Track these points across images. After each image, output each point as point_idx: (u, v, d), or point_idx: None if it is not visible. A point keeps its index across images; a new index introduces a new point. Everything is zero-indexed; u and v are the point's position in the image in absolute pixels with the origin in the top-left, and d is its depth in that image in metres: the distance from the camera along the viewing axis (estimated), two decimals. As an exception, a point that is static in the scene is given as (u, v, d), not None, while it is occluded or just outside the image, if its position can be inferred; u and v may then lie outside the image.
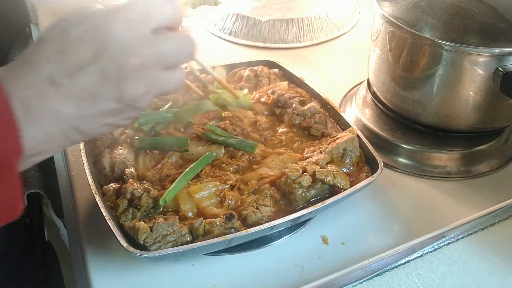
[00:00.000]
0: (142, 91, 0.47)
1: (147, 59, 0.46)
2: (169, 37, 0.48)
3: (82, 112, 0.46)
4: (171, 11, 0.48)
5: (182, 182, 0.67)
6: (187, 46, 0.49)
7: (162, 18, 0.47)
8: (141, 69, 0.46)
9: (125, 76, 0.45)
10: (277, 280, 0.65)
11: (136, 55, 0.45)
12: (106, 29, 0.45)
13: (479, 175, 0.81)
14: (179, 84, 0.51)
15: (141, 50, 0.46)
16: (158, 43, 0.47)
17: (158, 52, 0.47)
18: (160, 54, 0.47)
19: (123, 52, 0.45)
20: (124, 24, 0.45)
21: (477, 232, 0.67)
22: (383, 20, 0.79)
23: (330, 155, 0.73)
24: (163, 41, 0.47)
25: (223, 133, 0.77)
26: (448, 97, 0.76)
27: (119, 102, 0.47)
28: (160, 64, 0.48)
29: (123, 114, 0.49)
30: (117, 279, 0.65)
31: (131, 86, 0.46)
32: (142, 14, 0.46)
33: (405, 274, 0.61)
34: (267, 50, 1.16)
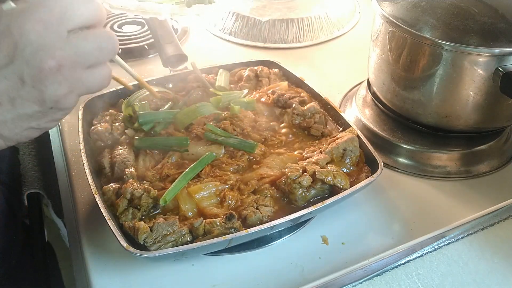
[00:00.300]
0: (64, 92, 0.46)
1: (66, 59, 0.45)
2: (89, 36, 0.46)
3: (2, 117, 0.45)
4: (90, 11, 0.46)
5: (182, 182, 0.67)
6: (108, 44, 0.48)
7: (80, 18, 0.46)
8: (60, 70, 0.44)
9: (43, 78, 0.44)
10: (277, 280, 0.65)
11: (53, 56, 0.44)
12: (19, 31, 0.43)
13: (479, 175, 0.81)
14: (104, 82, 0.50)
15: (58, 51, 0.44)
16: (76, 43, 0.45)
17: (77, 51, 0.45)
18: (79, 53, 0.46)
19: (39, 53, 0.43)
20: (38, 25, 0.43)
21: (477, 232, 0.67)
22: (383, 20, 0.79)
23: (330, 155, 0.73)
24: (82, 40, 0.46)
25: (223, 133, 0.77)
26: (448, 97, 0.76)
27: (41, 105, 0.45)
28: (81, 64, 0.46)
29: (47, 117, 0.48)
30: (117, 279, 0.65)
31: (52, 87, 0.45)
32: (58, 14, 0.44)
33: (405, 274, 0.61)
34: (267, 50, 1.16)
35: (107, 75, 0.50)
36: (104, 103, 0.85)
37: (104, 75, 0.49)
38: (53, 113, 0.47)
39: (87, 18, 0.46)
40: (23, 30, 0.43)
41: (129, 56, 1.12)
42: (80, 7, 0.45)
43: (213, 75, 0.91)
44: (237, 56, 1.14)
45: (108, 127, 0.78)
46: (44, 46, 0.43)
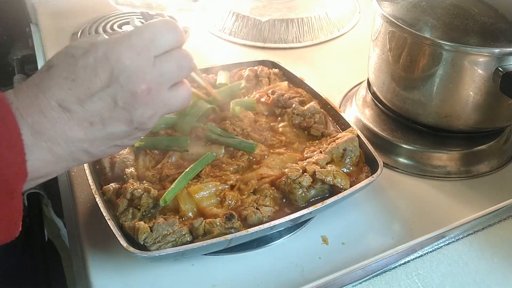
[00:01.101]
0: (150, 113, 0.49)
1: (154, 83, 0.48)
2: (168, 57, 0.50)
3: (92, 136, 0.48)
4: (174, 37, 0.50)
5: (182, 182, 0.67)
6: (186, 61, 0.51)
7: (166, 44, 0.49)
8: (150, 93, 0.48)
9: (134, 101, 0.47)
10: (277, 280, 0.65)
11: (144, 80, 0.47)
12: (115, 57, 0.46)
13: (479, 175, 0.81)
14: (185, 100, 0.53)
15: (148, 75, 0.47)
16: (160, 66, 0.49)
17: (161, 73, 0.49)
18: (162, 75, 0.49)
19: (132, 78, 0.47)
20: (131, 52, 0.47)
21: (477, 232, 0.67)
22: (383, 20, 0.79)
23: (330, 155, 0.73)
24: (165, 62, 0.49)
25: (223, 133, 0.77)
26: (448, 97, 0.76)
27: (128, 126, 0.49)
28: (165, 84, 0.50)
29: (130, 136, 0.51)
30: (117, 279, 0.65)
31: (140, 110, 0.48)
32: (147, 41, 0.48)
33: (405, 274, 0.61)
34: (267, 50, 1.16)
35: (188, 94, 0.53)
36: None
37: (185, 94, 0.52)
38: (136, 132, 0.51)
39: (172, 44, 0.50)
40: (119, 57, 0.46)
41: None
42: (166, 35, 0.49)
43: (213, 75, 0.91)
44: (237, 56, 1.14)
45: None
46: (136, 71, 0.47)
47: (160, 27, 0.49)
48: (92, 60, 0.46)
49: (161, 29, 0.49)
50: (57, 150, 0.47)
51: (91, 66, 0.46)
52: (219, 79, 0.88)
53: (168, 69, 0.49)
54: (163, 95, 0.50)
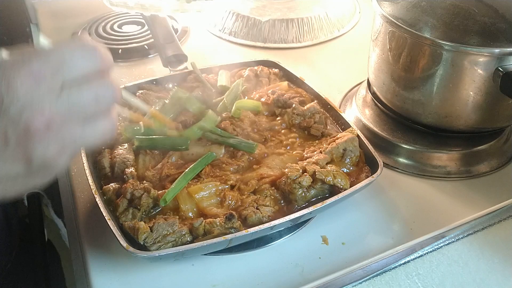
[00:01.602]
0: (53, 152, 0.41)
1: (56, 116, 0.40)
2: (83, 86, 0.42)
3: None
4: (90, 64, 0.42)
5: (182, 183, 0.67)
6: (106, 92, 0.43)
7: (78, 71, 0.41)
8: (49, 128, 0.40)
9: (30, 138, 0.39)
10: (277, 280, 0.65)
11: (42, 114, 0.39)
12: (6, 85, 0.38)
13: (479, 175, 0.81)
14: (105, 135, 0.45)
15: (48, 107, 0.39)
16: (69, 96, 0.41)
17: (70, 105, 0.41)
18: (72, 107, 0.41)
19: (26, 111, 0.39)
20: (28, 79, 0.39)
21: (477, 232, 0.67)
22: (383, 20, 0.79)
23: (330, 155, 0.73)
24: (76, 92, 0.41)
25: (223, 133, 0.77)
26: (448, 97, 0.76)
27: (27, 166, 0.41)
28: (74, 119, 0.42)
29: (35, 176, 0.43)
30: (117, 279, 0.65)
31: (40, 148, 0.40)
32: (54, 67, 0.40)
33: (405, 274, 0.61)
34: (267, 50, 1.16)
35: (110, 127, 0.45)
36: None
37: (105, 128, 0.44)
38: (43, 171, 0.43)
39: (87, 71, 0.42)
40: (11, 84, 0.38)
41: (129, 56, 1.12)
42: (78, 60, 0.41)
43: (213, 75, 0.91)
44: (237, 56, 1.14)
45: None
46: (33, 103, 0.39)
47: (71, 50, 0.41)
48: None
49: (73, 53, 0.41)
50: None
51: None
52: (219, 81, 0.88)
53: (79, 102, 0.41)
54: (72, 130, 0.41)
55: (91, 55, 0.42)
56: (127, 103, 0.58)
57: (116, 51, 1.12)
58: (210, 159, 0.72)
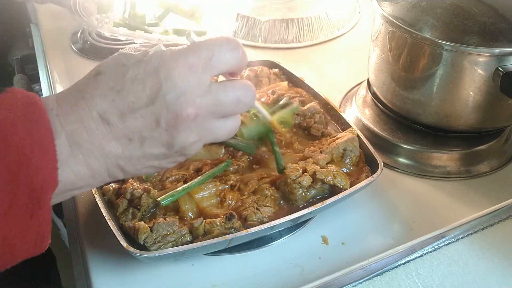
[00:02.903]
0: (193, 140, 0.46)
1: (203, 108, 0.45)
2: (228, 87, 0.46)
3: (129, 153, 0.45)
4: (236, 59, 0.46)
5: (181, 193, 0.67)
6: (246, 97, 0.48)
7: (225, 66, 0.46)
8: (196, 118, 0.44)
9: (178, 124, 0.44)
10: (277, 280, 0.65)
11: (193, 104, 0.44)
12: (165, 73, 0.43)
13: (479, 175, 0.81)
14: (232, 133, 0.49)
15: (198, 98, 0.44)
16: (216, 93, 0.45)
17: (215, 102, 0.45)
18: (217, 104, 0.45)
19: (180, 99, 0.43)
20: (184, 70, 0.43)
21: (477, 232, 0.67)
22: (383, 20, 0.79)
23: (330, 155, 0.73)
24: (222, 91, 0.46)
25: None
26: (448, 97, 0.76)
27: (168, 149, 0.46)
28: (216, 114, 0.46)
29: (170, 159, 0.48)
30: (117, 279, 0.65)
31: (183, 135, 0.45)
32: (205, 60, 0.44)
33: (405, 274, 0.61)
34: (267, 50, 1.16)
35: (236, 127, 0.49)
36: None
37: (233, 126, 0.49)
38: (176, 156, 0.48)
39: (231, 66, 0.46)
40: (170, 73, 0.43)
41: (129, 56, 1.12)
42: (226, 54, 0.45)
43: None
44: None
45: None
46: (187, 92, 0.43)
47: (220, 44, 0.45)
48: (142, 72, 0.43)
49: (221, 46, 0.45)
50: (93, 163, 0.44)
51: (140, 79, 0.43)
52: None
53: (224, 101, 0.46)
54: (210, 123, 0.46)
55: (236, 49, 0.46)
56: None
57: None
58: (227, 167, 0.72)
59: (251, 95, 0.48)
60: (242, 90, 0.47)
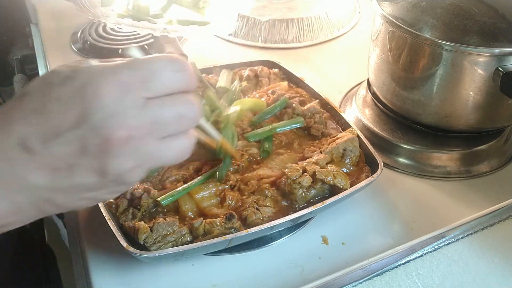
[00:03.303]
0: (130, 166, 0.40)
1: (137, 130, 0.39)
2: (167, 103, 0.41)
3: (56, 184, 0.40)
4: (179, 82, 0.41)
5: (180, 193, 0.67)
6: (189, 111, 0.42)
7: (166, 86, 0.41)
8: (129, 141, 0.39)
9: (109, 150, 0.38)
10: (277, 280, 0.65)
11: (124, 126, 0.38)
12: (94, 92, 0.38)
13: (479, 175, 0.81)
14: (182, 154, 0.44)
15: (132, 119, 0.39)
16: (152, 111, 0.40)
17: (152, 120, 0.40)
18: (154, 123, 0.40)
19: (108, 121, 0.38)
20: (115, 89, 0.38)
21: (477, 232, 0.67)
22: (383, 20, 0.79)
23: (330, 155, 0.73)
24: (159, 107, 0.40)
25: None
26: (448, 97, 0.76)
27: (102, 177, 0.40)
28: (156, 135, 0.41)
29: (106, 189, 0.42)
30: (117, 279, 0.65)
31: (116, 161, 0.39)
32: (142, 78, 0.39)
33: (405, 274, 0.61)
34: (267, 50, 1.16)
35: (187, 147, 0.43)
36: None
37: (182, 147, 0.43)
38: (113, 186, 0.42)
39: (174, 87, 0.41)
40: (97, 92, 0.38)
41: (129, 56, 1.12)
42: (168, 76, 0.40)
43: (213, 75, 0.91)
44: (237, 56, 1.14)
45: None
46: (117, 113, 0.38)
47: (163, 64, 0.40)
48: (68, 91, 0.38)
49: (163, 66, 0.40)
50: (15, 198, 0.40)
51: (65, 98, 0.38)
52: (219, 82, 0.88)
53: (163, 118, 0.40)
54: (150, 146, 0.40)
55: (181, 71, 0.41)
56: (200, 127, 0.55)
57: (116, 51, 1.12)
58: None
59: (194, 109, 0.42)
60: (183, 104, 0.42)
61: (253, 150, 0.75)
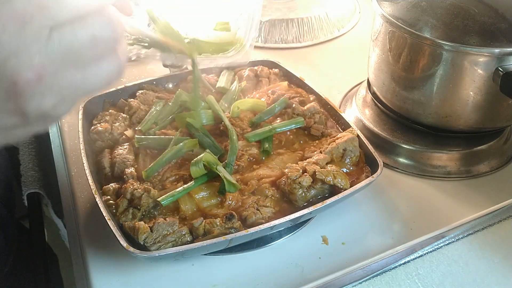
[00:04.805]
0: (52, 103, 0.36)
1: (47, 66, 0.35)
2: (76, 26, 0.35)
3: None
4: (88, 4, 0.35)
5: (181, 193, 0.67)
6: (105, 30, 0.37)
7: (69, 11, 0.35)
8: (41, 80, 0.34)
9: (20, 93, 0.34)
10: (277, 280, 0.65)
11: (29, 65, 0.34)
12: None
13: (479, 175, 0.81)
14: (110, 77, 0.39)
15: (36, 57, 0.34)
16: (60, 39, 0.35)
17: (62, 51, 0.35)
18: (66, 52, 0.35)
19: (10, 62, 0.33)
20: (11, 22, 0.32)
21: (477, 232, 0.67)
22: (383, 20, 0.79)
23: (330, 155, 0.73)
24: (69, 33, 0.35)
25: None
26: (448, 97, 0.76)
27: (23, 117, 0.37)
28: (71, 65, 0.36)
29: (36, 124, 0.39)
30: (117, 279, 0.65)
31: (33, 102, 0.35)
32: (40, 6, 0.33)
33: (405, 274, 0.61)
34: (267, 50, 1.16)
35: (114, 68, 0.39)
36: (104, 103, 0.85)
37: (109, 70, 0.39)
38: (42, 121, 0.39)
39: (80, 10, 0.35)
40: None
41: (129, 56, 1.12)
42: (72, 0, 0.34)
43: (213, 75, 0.91)
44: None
45: (108, 127, 0.78)
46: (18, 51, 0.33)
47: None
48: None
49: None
50: None
51: None
52: (219, 82, 0.88)
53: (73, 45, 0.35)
54: (69, 77, 0.36)
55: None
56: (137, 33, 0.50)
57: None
58: None
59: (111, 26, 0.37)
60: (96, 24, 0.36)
61: (253, 150, 0.76)
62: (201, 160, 0.68)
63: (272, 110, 0.82)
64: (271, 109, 0.82)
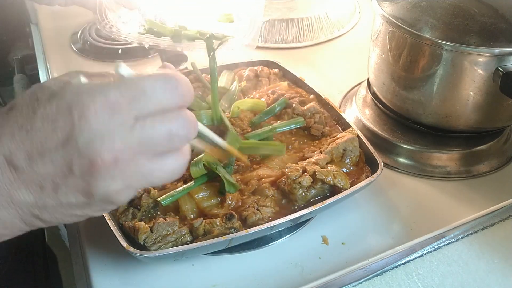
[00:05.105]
0: (118, 188, 0.39)
1: (125, 151, 0.37)
2: (157, 121, 0.38)
3: (42, 202, 0.39)
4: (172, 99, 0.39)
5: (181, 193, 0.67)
6: (181, 129, 0.40)
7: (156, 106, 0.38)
8: (117, 164, 0.37)
9: (94, 172, 0.37)
10: (277, 280, 0.65)
11: (111, 148, 0.37)
12: (80, 113, 0.36)
13: (479, 175, 0.81)
14: (174, 174, 0.41)
15: (119, 141, 0.37)
16: (141, 131, 0.38)
17: (141, 141, 0.38)
18: (143, 143, 0.38)
19: (94, 143, 0.36)
20: (102, 109, 0.36)
21: (477, 232, 0.67)
22: (383, 20, 0.79)
23: (330, 155, 0.73)
24: (149, 127, 0.38)
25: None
26: (448, 97, 0.76)
27: (88, 198, 0.39)
28: (144, 155, 0.39)
29: (94, 207, 0.41)
30: (117, 279, 0.65)
31: (103, 183, 0.38)
32: (130, 99, 0.37)
33: (405, 274, 0.61)
34: (267, 50, 1.16)
35: (179, 166, 0.41)
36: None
37: (174, 167, 0.41)
38: (102, 204, 0.41)
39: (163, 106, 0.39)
40: (84, 113, 0.36)
41: (129, 56, 1.12)
42: (158, 94, 0.38)
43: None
44: (237, 56, 1.14)
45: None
46: (103, 135, 0.36)
47: (153, 82, 0.38)
48: (54, 109, 0.37)
49: (154, 84, 0.38)
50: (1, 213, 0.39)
51: (51, 117, 0.37)
52: (219, 82, 0.88)
53: (153, 138, 0.38)
54: (140, 167, 0.39)
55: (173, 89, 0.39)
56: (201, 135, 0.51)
57: (116, 51, 1.12)
58: None
59: (188, 126, 0.40)
60: (175, 122, 0.39)
61: None
62: (201, 160, 0.68)
63: (272, 110, 0.82)
64: (271, 109, 0.82)
